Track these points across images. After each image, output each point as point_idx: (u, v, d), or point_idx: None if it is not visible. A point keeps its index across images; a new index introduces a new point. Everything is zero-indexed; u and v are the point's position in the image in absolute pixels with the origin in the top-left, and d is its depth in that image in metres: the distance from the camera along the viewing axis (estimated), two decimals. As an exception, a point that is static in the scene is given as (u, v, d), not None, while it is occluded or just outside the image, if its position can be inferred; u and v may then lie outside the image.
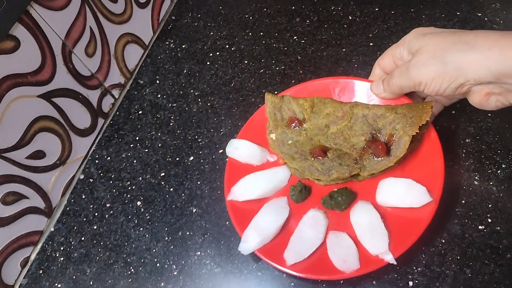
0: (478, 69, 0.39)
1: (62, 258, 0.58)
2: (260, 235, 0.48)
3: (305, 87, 0.58)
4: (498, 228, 0.45)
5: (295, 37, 0.71)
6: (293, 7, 0.76)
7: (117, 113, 0.71)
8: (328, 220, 0.49)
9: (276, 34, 0.73)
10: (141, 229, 0.57)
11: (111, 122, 0.70)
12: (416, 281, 0.44)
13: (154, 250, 0.55)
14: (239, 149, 0.56)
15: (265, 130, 0.57)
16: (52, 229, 0.61)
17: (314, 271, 0.45)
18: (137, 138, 0.67)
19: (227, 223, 0.54)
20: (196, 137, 0.64)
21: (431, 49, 0.42)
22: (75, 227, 0.60)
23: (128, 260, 0.55)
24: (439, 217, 0.48)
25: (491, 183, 0.48)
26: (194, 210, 0.57)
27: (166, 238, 0.55)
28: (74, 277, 0.55)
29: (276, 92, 0.60)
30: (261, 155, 0.56)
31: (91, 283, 0.54)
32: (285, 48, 0.70)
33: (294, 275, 0.46)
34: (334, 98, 0.56)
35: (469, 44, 0.39)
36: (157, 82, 0.73)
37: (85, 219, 0.61)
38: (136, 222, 0.58)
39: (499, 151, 0.50)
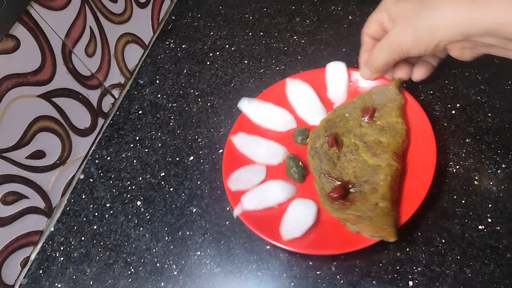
0: (447, 32, 0.43)
1: (62, 258, 0.58)
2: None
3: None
4: (498, 228, 0.45)
5: (295, 37, 0.71)
6: (293, 7, 0.76)
7: (117, 113, 0.71)
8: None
9: (276, 34, 0.73)
10: (141, 229, 0.57)
11: (111, 122, 0.70)
12: (416, 281, 0.44)
13: (154, 250, 0.55)
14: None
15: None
16: (52, 229, 0.61)
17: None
18: (137, 138, 0.67)
19: (227, 223, 0.54)
20: (196, 137, 0.64)
21: (405, 17, 0.46)
22: (75, 227, 0.60)
23: (128, 260, 0.55)
24: (439, 217, 0.48)
25: (491, 183, 0.48)
26: (194, 210, 0.57)
27: (166, 238, 0.55)
28: (74, 277, 0.55)
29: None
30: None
31: (91, 283, 0.54)
32: (285, 48, 0.70)
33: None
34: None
35: (436, 9, 0.43)
36: (157, 82, 0.73)
37: (85, 219, 0.61)
38: (136, 222, 0.58)
39: (499, 151, 0.50)
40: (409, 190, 0.48)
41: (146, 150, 0.65)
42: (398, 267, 0.46)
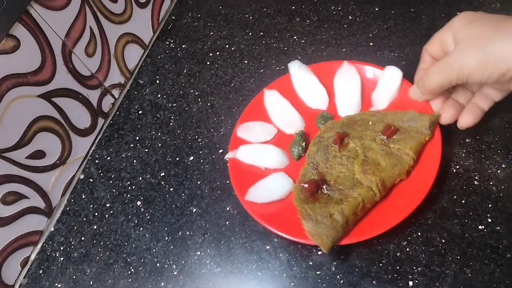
0: None
1: (62, 258, 0.58)
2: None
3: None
4: (498, 228, 0.45)
5: (295, 37, 0.71)
6: (293, 7, 0.76)
7: (117, 113, 0.71)
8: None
9: (276, 34, 0.73)
10: (141, 229, 0.57)
11: (111, 122, 0.70)
12: (416, 281, 0.44)
13: (154, 250, 0.55)
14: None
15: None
16: (52, 229, 0.61)
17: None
18: (137, 138, 0.67)
19: (227, 223, 0.54)
20: (196, 137, 0.64)
21: (474, 39, 0.42)
22: (75, 227, 0.60)
23: (128, 260, 0.55)
24: (439, 217, 0.48)
25: (491, 183, 0.48)
26: (194, 210, 0.57)
27: (166, 238, 0.55)
28: (74, 277, 0.55)
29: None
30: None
31: (91, 283, 0.54)
32: (285, 48, 0.70)
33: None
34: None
35: (511, 34, 0.39)
36: (157, 82, 0.73)
37: (85, 219, 0.61)
38: (136, 222, 0.58)
39: (499, 151, 0.50)
40: (382, 215, 0.47)
41: (146, 150, 0.65)
42: (398, 267, 0.46)
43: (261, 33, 0.74)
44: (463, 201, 0.48)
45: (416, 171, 0.49)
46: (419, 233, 0.47)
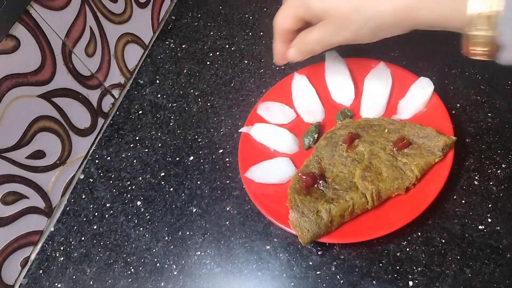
0: (401, 30, 0.46)
1: (62, 258, 0.58)
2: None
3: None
4: (498, 228, 0.45)
5: (295, 37, 0.71)
6: (293, 7, 0.76)
7: (117, 113, 0.71)
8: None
9: (276, 34, 0.73)
10: (141, 229, 0.57)
11: (111, 122, 0.70)
12: (416, 281, 0.44)
13: (154, 250, 0.55)
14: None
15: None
16: (52, 229, 0.61)
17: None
18: (137, 138, 0.67)
19: (227, 223, 0.54)
20: (196, 137, 0.64)
21: (341, 13, 0.44)
22: (75, 227, 0.60)
23: (128, 260, 0.55)
24: (439, 217, 0.48)
25: (491, 183, 0.48)
26: (194, 210, 0.57)
27: (166, 238, 0.55)
28: (74, 277, 0.56)
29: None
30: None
31: (91, 283, 0.54)
32: (285, 48, 0.70)
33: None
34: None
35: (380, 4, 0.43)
36: (157, 82, 0.73)
37: (85, 219, 0.61)
38: (136, 222, 0.58)
39: (499, 151, 0.50)
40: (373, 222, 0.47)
41: (146, 150, 0.65)
42: (398, 267, 0.46)
43: (261, 33, 0.74)
44: (463, 201, 0.48)
45: (417, 189, 0.48)
46: (419, 233, 0.47)
